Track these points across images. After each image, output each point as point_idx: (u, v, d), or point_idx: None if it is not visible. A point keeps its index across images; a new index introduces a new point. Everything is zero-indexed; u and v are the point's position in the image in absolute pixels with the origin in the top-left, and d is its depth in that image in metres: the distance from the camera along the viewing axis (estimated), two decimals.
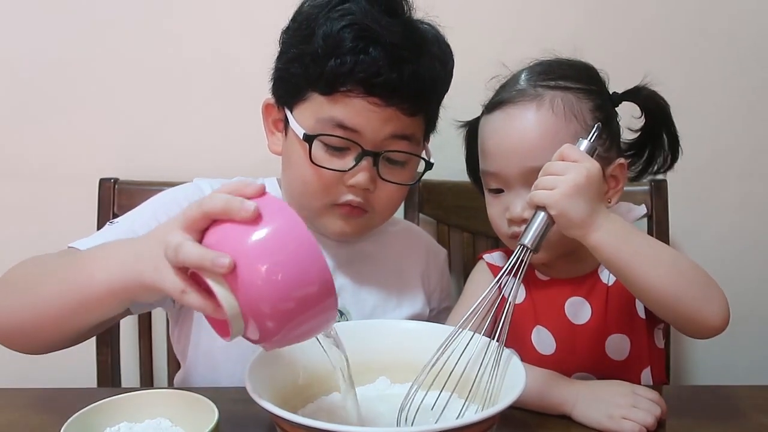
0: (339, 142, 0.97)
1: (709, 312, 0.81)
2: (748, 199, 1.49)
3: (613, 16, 1.42)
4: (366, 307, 1.08)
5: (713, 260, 1.49)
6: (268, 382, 0.74)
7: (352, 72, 0.94)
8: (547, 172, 0.82)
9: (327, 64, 0.95)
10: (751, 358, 1.52)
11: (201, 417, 0.74)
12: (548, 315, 1.01)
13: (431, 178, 1.41)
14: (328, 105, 0.97)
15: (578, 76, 0.98)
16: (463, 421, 0.63)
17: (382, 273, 1.13)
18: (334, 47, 0.95)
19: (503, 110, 0.97)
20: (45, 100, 1.42)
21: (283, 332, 0.64)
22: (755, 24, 1.42)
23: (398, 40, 0.95)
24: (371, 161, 0.98)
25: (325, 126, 0.97)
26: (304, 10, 1.01)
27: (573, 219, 0.80)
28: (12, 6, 1.38)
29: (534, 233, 0.81)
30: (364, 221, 1.03)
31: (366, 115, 0.96)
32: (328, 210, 1.01)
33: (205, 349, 1.05)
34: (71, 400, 0.89)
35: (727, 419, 0.87)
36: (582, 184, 0.79)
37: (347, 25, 0.95)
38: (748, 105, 1.45)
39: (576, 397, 0.86)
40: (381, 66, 0.94)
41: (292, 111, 1.01)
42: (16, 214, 1.45)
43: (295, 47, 1.00)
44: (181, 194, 1.06)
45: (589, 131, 0.93)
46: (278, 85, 1.04)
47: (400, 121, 0.98)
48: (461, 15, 1.41)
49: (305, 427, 0.63)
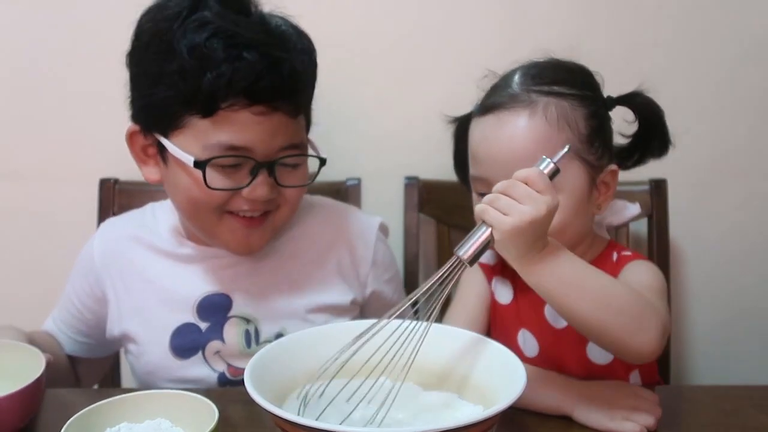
0: (232, 161, 0.93)
1: (637, 341, 0.79)
2: (748, 199, 1.49)
3: (612, 14, 1.42)
4: (273, 311, 1.06)
5: (713, 260, 1.51)
6: (268, 382, 0.74)
7: (230, 83, 0.88)
8: (506, 191, 0.76)
9: (202, 80, 0.88)
10: (751, 358, 1.52)
11: (201, 417, 0.74)
12: (530, 318, 1.01)
13: (431, 178, 1.42)
14: (212, 129, 0.91)
15: (573, 80, 0.96)
16: (463, 421, 0.63)
17: (294, 273, 1.08)
18: (205, 60, 0.88)
19: (495, 115, 0.94)
20: (45, 100, 1.42)
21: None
22: (756, 23, 1.42)
23: (265, 39, 0.91)
24: (267, 172, 0.94)
25: (213, 150, 0.92)
26: (148, 27, 0.94)
27: (513, 252, 0.77)
28: (12, 6, 1.38)
29: (473, 247, 0.76)
30: (269, 227, 1.01)
31: (254, 129, 0.92)
32: (223, 220, 0.98)
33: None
34: (71, 400, 0.90)
35: (727, 419, 0.87)
36: (537, 222, 0.74)
37: (212, 34, 0.88)
38: (749, 105, 1.45)
39: (576, 397, 0.86)
40: (260, 70, 0.89)
41: (169, 138, 0.95)
42: (16, 214, 1.45)
43: (154, 68, 0.92)
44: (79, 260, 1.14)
45: (582, 140, 0.93)
46: (145, 112, 0.97)
47: (287, 128, 0.95)
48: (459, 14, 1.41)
49: (305, 427, 0.63)
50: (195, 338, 1.04)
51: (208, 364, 1.04)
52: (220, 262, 1.06)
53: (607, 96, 1.00)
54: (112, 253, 1.10)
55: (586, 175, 0.94)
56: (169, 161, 0.97)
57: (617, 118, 1.02)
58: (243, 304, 1.05)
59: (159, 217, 1.13)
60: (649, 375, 1.02)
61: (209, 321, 1.05)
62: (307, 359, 0.80)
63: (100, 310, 1.10)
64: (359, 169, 1.40)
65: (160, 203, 1.15)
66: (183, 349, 1.04)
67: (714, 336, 1.53)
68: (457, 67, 1.41)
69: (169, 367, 1.04)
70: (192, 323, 1.04)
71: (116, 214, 1.39)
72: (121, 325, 1.08)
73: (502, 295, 1.04)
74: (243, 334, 1.04)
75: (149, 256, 1.08)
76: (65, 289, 1.16)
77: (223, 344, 1.04)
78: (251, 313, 1.05)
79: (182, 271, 1.07)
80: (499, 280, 1.04)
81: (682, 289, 1.51)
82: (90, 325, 1.13)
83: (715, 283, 1.51)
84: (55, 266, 1.46)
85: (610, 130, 1.00)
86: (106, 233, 1.15)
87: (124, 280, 1.08)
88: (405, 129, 1.43)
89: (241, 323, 1.05)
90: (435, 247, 1.45)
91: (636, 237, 1.44)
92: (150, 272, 1.07)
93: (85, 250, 1.14)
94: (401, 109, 1.43)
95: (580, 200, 0.94)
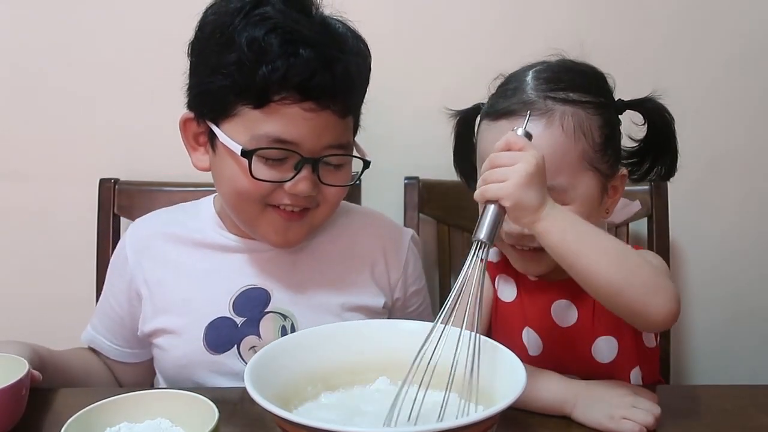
0: (278, 153, 0.95)
1: (654, 305, 0.80)
2: (748, 199, 1.49)
3: (612, 14, 1.42)
4: (311, 308, 1.06)
5: (713, 260, 1.51)
6: (268, 382, 0.74)
7: (285, 77, 0.91)
8: (495, 164, 0.80)
9: (257, 73, 0.92)
10: (751, 358, 1.52)
11: (201, 417, 0.74)
12: (535, 316, 1.01)
13: (431, 178, 1.42)
14: (262, 119, 0.94)
15: (588, 86, 0.95)
16: (463, 421, 0.63)
17: (331, 272, 1.10)
18: (262, 54, 0.92)
19: (510, 121, 0.92)
20: (45, 100, 1.42)
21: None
22: (756, 24, 1.42)
23: (323, 38, 0.94)
24: (311, 168, 0.97)
25: (261, 141, 0.94)
26: (211, 19, 0.98)
27: (527, 208, 0.79)
28: (12, 6, 1.38)
29: (488, 227, 0.79)
30: (307, 223, 1.03)
31: (302, 125, 0.94)
32: (266, 212, 1.00)
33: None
34: (71, 400, 0.89)
35: (727, 419, 0.87)
36: (533, 173, 0.78)
37: (271, 29, 0.92)
38: (749, 105, 1.45)
39: (576, 397, 0.86)
40: (314, 67, 0.92)
41: (219, 126, 0.98)
42: (16, 214, 1.45)
43: (213, 59, 0.96)
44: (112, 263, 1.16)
45: (596, 149, 0.92)
46: (200, 99, 1.00)
47: (335, 127, 0.97)
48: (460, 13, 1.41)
49: (305, 427, 0.63)
50: (230, 333, 1.04)
51: (242, 359, 1.04)
52: (260, 255, 1.07)
53: (618, 99, 0.99)
54: (145, 249, 1.11)
55: (598, 184, 0.94)
56: (218, 149, 1.00)
57: (625, 120, 1.01)
58: (281, 300, 1.06)
59: (201, 211, 1.14)
60: (651, 374, 1.02)
61: (245, 316, 1.05)
62: (308, 359, 0.80)
63: (136, 311, 1.10)
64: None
65: (201, 200, 1.16)
66: (217, 343, 1.04)
67: (714, 335, 1.53)
68: (458, 67, 1.41)
69: (202, 361, 1.03)
70: (227, 317, 1.04)
71: (116, 214, 1.39)
72: (154, 321, 1.07)
73: (505, 292, 1.04)
74: (279, 330, 1.05)
75: (185, 251, 1.09)
76: (103, 294, 1.15)
77: (259, 340, 1.04)
78: (289, 309, 1.06)
79: (221, 262, 1.08)
80: (502, 277, 1.04)
81: (682, 289, 1.51)
82: (128, 328, 1.12)
83: (715, 283, 1.51)
84: (55, 266, 1.47)
85: (619, 135, 0.99)
86: (136, 231, 1.14)
87: (157, 275, 1.09)
88: (405, 129, 1.44)
89: (278, 319, 1.05)
90: (435, 247, 1.46)
91: (636, 237, 1.44)
92: (186, 266, 1.08)
93: (116, 252, 1.15)
94: (401, 109, 1.43)
95: (592, 208, 0.94)
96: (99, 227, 1.39)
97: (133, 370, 1.15)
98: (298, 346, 0.81)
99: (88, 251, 1.39)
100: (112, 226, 1.39)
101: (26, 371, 0.82)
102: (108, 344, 1.13)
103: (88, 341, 1.14)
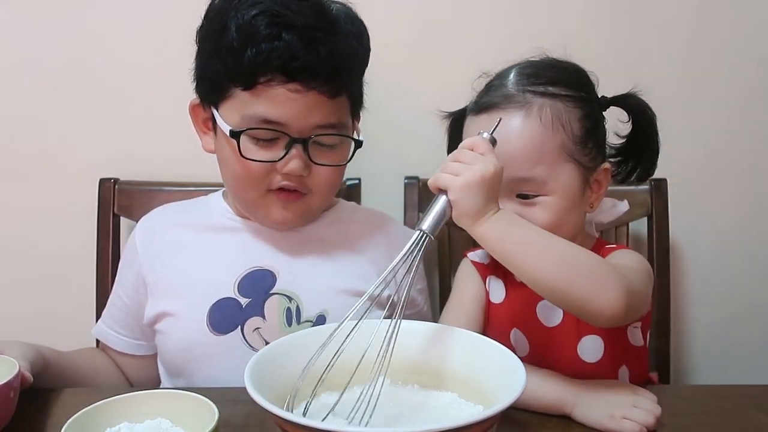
0: (266, 134, 0.98)
1: (600, 302, 0.80)
2: (747, 199, 1.49)
3: (611, 13, 1.42)
4: (316, 291, 1.07)
5: (713, 260, 1.51)
6: (268, 382, 0.74)
7: (268, 59, 0.95)
8: (456, 159, 0.83)
9: (244, 56, 0.95)
10: (751, 357, 1.52)
11: (201, 417, 0.74)
12: (522, 317, 1.01)
13: None
14: (251, 101, 0.97)
15: (568, 81, 0.97)
16: (463, 421, 0.63)
17: (336, 258, 1.11)
18: (249, 37, 0.95)
19: (490, 115, 0.95)
20: (45, 100, 1.42)
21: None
22: (754, 23, 1.42)
23: (311, 22, 0.96)
24: (301, 148, 0.99)
25: (250, 122, 0.98)
26: (215, 5, 1.02)
27: (467, 208, 0.81)
28: (12, 7, 1.38)
29: (433, 218, 0.81)
30: (303, 204, 1.05)
31: (289, 105, 0.96)
32: (265, 197, 1.03)
33: None
34: (71, 400, 0.90)
35: (727, 419, 0.87)
36: (486, 178, 0.81)
37: (258, 13, 0.95)
38: (748, 104, 1.45)
39: (576, 396, 0.86)
40: (296, 49, 0.94)
41: (218, 109, 1.01)
42: (16, 214, 1.45)
43: (211, 43, 1.01)
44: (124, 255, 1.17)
45: (576, 141, 0.94)
46: (201, 84, 1.04)
47: (323, 108, 0.98)
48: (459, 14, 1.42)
49: (305, 427, 0.63)
50: (234, 313, 1.04)
51: (246, 341, 1.04)
52: (266, 237, 1.09)
53: (602, 96, 1.01)
54: (152, 237, 1.13)
55: (579, 176, 0.95)
56: (218, 133, 1.03)
57: (612, 118, 1.02)
58: (287, 281, 1.06)
59: (211, 201, 1.17)
60: (639, 373, 1.02)
61: (250, 297, 1.05)
62: (308, 359, 0.80)
63: (143, 299, 1.10)
64: (359, 169, 1.40)
65: (211, 194, 1.19)
66: (221, 324, 1.04)
67: (714, 335, 1.53)
68: (457, 67, 1.40)
69: (205, 343, 1.03)
70: (232, 298, 1.05)
71: (116, 214, 1.39)
72: (157, 305, 1.07)
73: (495, 293, 1.04)
74: (284, 312, 1.05)
75: (192, 236, 1.11)
76: (114, 286, 1.17)
77: (263, 321, 1.04)
78: (294, 291, 1.06)
79: (227, 243, 1.09)
80: (493, 278, 1.04)
81: (682, 289, 1.51)
82: (134, 317, 1.12)
83: (715, 282, 1.51)
84: (56, 266, 1.47)
85: (604, 130, 1.01)
86: (145, 222, 1.17)
87: (162, 259, 1.10)
88: (405, 129, 1.44)
89: (283, 300, 1.05)
90: (435, 247, 1.45)
91: (636, 237, 1.44)
92: (193, 250, 1.09)
93: (128, 244, 1.16)
94: (401, 109, 1.43)
95: (574, 200, 0.95)
96: (99, 227, 1.39)
97: (139, 364, 1.15)
98: (298, 346, 0.81)
99: (88, 251, 1.39)
100: (112, 226, 1.39)
101: (15, 373, 0.81)
102: (115, 335, 1.14)
103: (97, 334, 1.16)
